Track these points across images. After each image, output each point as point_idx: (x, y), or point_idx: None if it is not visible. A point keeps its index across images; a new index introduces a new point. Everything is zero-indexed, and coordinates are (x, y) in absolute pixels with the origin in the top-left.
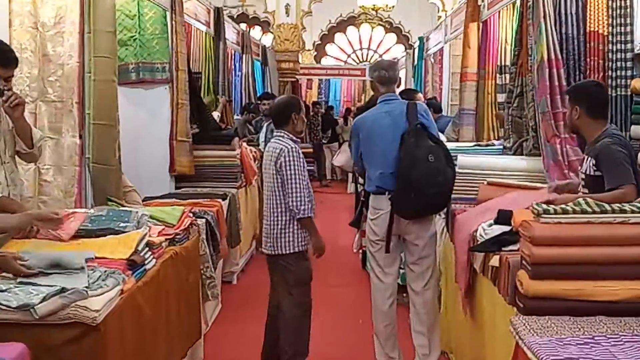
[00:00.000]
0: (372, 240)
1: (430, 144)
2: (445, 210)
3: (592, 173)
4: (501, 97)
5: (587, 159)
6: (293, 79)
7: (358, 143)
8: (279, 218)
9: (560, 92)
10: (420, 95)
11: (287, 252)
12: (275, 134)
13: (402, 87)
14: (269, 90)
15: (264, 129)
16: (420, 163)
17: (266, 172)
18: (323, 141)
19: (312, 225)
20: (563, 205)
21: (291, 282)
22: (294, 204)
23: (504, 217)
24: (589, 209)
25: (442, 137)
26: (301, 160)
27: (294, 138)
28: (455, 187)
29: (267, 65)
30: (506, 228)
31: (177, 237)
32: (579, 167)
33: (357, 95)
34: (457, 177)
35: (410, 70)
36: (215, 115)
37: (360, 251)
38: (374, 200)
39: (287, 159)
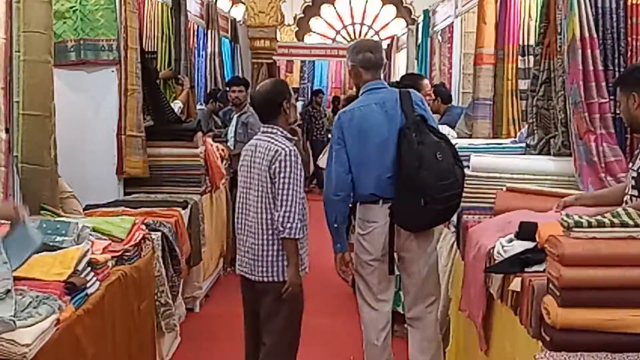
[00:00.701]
0: (363, 260)
1: (435, 140)
2: (454, 221)
3: None
4: (524, 84)
5: None
6: (269, 61)
7: (342, 142)
8: (272, 238)
9: (595, 78)
10: (426, 81)
11: (284, 279)
12: (263, 129)
13: (397, 73)
14: (240, 74)
15: (233, 122)
16: (428, 162)
17: (251, 177)
18: (313, 137)
19: (294, 252)
20: (599, 217)
21: (284, 314)
22: (280, 219)
23: (527, 230)
24: (631, 222)
25: (452, 133)
26: (299, 167)
27: (288, 135)
28: (467, 194)
29: (237, 44)
30: (530, 244)
31: (127, 254)
32: (620, 170)
33: (348, 82)
34: (470, 182)
35: (412, 51)
36: (176, 106)
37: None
38: (365, 210)
39: (283, 164)
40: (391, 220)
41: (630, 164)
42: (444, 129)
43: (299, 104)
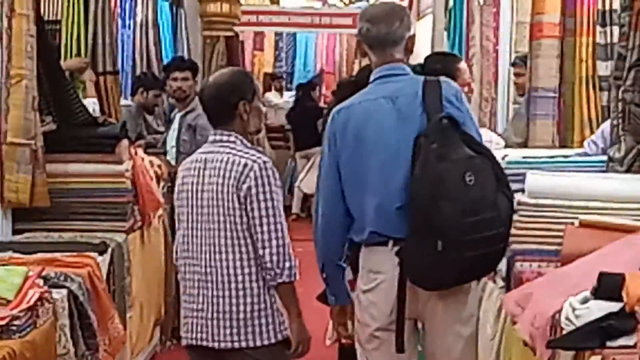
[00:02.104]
0: (367, 330)
1: (468, 153)
2: (498, 271)
3: None
4: (605, 68)
5: None
6: (229, 33)
7: (334, 155)
8: (247, 285)
9: None
10: (463, 65)
11: (263, 343)
12: (213, 137)
13: (417, 52)
14: (185, 54)
15: (175, 124)
16: (450, 188)
17: (204, 205)
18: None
19: (294, 299)
20: None
21: None
22: (274, 258)
23: (609, 285)
24: None
25: (496, 140)
26: (279, 185)
27: (250, 145)
28: (521, 231)
29: (181, 8)
30: (614, 306)
31: (15, 323)
32: None
33: (347, 64)
34: (526, 213)
35: (441, 19)
36: (90, 102)
37: (338, 345)
38: (368, 255)
39: (260, 181)
40: (401, 271)
41: None
42: (485, 134)
43: (287, 97)
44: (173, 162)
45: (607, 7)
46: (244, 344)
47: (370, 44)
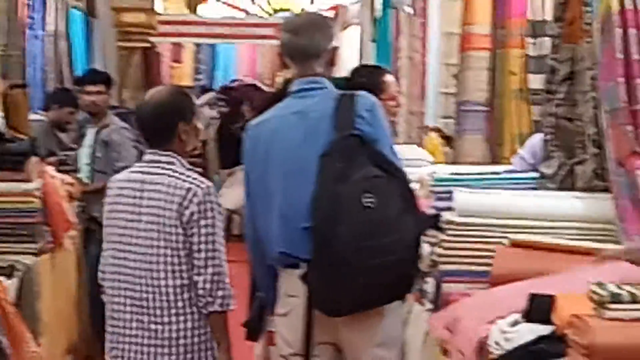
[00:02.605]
0: (283, 355)
1: (372, 173)
2: (426, 293)
3: None
4: (537, 81)
5: None
6: (145, 45)
7: (248, 172)
8: (188, 311)
9: None
10: (390, 77)
11: None
12: (150, 157)
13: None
14: (100, 67)
15: (89, 140)
16: (347, 211)
17: (141, 227)
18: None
19: (225, 329)
20: None
21: None
22: (208, 286)
23: (539, 307)
24: None
25: (424, 157)
26: (221, 212)
27: (194, 169)
28: (450, 252)
29: (95, 18)
30: (544, 329)
31: None
32: None
33: (271, 75)
34: (454, 233)
35: (368, 30)
36: None
37: None
38: (283, 279)
39: (203, 207)
40: (309, 295)
41: None
42: (413, 151)
43: (206, 112)
44: (86, 181)
45: (538, 18)
46: None
47: (291, 55)
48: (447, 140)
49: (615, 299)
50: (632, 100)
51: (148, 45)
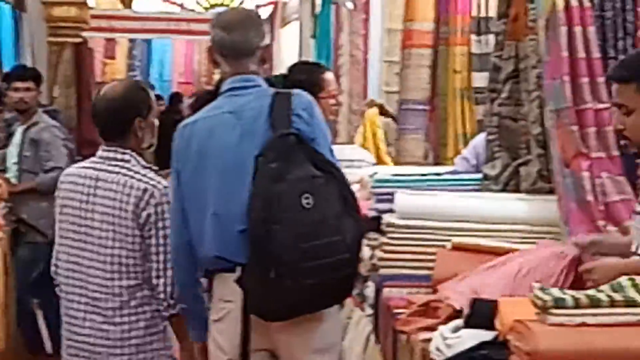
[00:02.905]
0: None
1: (311, 173)
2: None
3: None
4: (481, 79)
5: None
6: (77, 40)
7: (179, 173)
8: (140, 310)
9: (589, 71)
10: (329, 75)
11: None
12: (103, 153)
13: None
14: (29, 62)
15: (17, 138)
16: (284, 211)
17: (94, 227)
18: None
19: (186, 332)
20: (592, 292)
21: None
22: (167, 290)
23: (481, 312)
24: None
25: (366, 157)
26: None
27: (146, 164)
28: (390, 255)
29: (23, 12)
30: (487, 334)
31: None
32: (628, 215)
33: (208, 72)
34: (394, 236)
35: (308, 26)
36: None
37: None
38: (218, 284)
39: (160, 209)
40: (244, 300)
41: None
42: (355, 151)
43: None
44: (14, 181)
45: (483, 14)
46: None
47: (223, 52)
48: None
49: (559, 304)
50: (577, 99)
51: (80, 40)
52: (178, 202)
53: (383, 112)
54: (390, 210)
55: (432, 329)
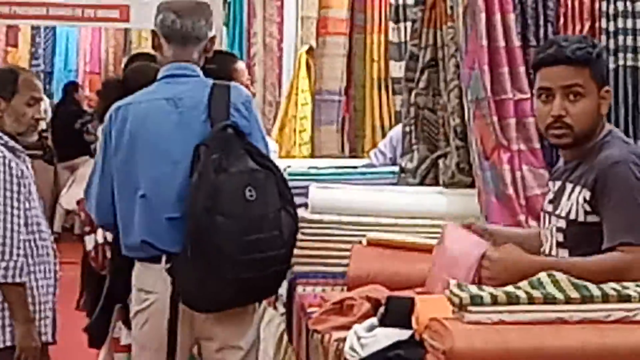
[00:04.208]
0: (141, 354)
1: (251, 167)
2: (279, 296)
3: (582, 217)
4: (398, 69)
5: (574, 190)
6: None
7: (110, 155)
8: None
9: (509, 60)
10: (241, 65)
11: (9, 343)
12: None
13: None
14: None
15: None
16: (228, 203)
17: None
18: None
19: (20, 301)
20: (509, 288)
21: None
22: None
23: (397, 310)
24: (560, 295)
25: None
26: (14, 181)
27: (8, 141)
28: (304, 251)
29: None
30: (402, 333)
31: None
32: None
33: (115, 63)
34: (309, 231)
35: (219, 13)
36: None
37: None
38: (140, 274)
39: None
40: (173, 291)
41: (551, 206)
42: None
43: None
44: None
45: (401, 2)
46: None
47: (171, 37)
48: None
49: (476, 301)
50: (495, 90)
51: None
52: (106, 183)
53: None
54: (304, 205)
55: (346, 327)
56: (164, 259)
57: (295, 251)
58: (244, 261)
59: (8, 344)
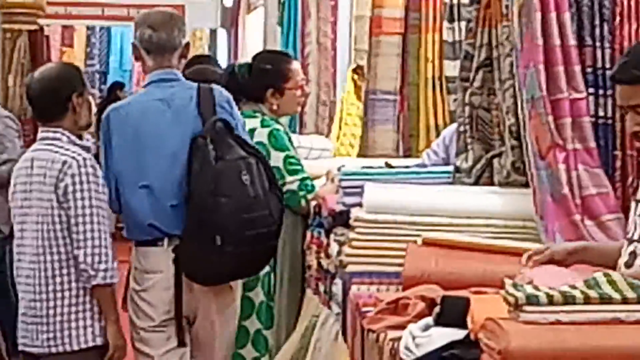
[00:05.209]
0: (139, 328)
1: (243, 154)
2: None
3: None
4: (453, 68)
5: None
6: (32, 27)
7: (108, 151)
8: (66, 287)
9: (564, 59)
10: (296, 65)
11: (80, 347)
12: (41, 134)
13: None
14: None
15: None
16: (228, 186)
17: (29, 205)
18: None
19: (112, 301)
20: (566, 288)
21: None
22: (89, 259)
23: (452, 310)
24: (617, 295)
25: (329, 147)
26: (101, 183)
27: (79, 141)
28: (355, 251)
29: None
30: (458, 333)
31: None
32: (605, 210)
33: None
34: (364, 231)
35: (274, 13)
36: None
37: None
38: (142, 256)
39: (78, 179)
40: (177, 268)
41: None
42: (320, 141)
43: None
44: None
45: (455, 1)
46: (60, 349)
47: (149, 49)
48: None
49: (531, 300)
50: (551, 89)
51: (35, 27)
52: (111, 176)
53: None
54: (359, 204)
55: (401, 327)
56: (166, 241)
57: (350, 251)
58: (242, 237)
59: (91, 344)
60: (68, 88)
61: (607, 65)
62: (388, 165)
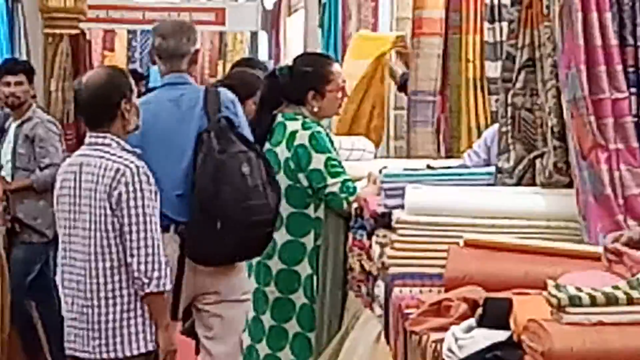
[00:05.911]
0: None
1: (243, 149)
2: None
3: None
4: (494, 69)
5: None
6: (74, 31)
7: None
8: (117, 294)
9: (606, 59)
10: (337, 67)
11: (132, 353)
12: (89, 139)
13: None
14: (23, 55)
15: (10, 135)
16: (229, 175)
17: (78, 211)
18: None
19: (164, 309)
20: (609, 289)
21: None
22: (142, 267)
23: (495, 312)
24: None
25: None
26: (153, 191)
27: (129, 147)
28: (397, 253)
29: (18, 3)
30: (501, 334)
31: None
32: None
33: (210, 64)
34: (405, 233)
35: (314, 14)
36: None
37: None
38: None
39: (132, 187)
40: (181, 252)
41: None
42: (360, 141)
43: None
44: (8, 179)
45: (496, 2)
46: (112, 355)
47: (160, 55)
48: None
49: (574, 302)
50: (593, 89)
51: (77, 32)
52: None
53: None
54: (401, 206)
55: (444, 329)
56: (172, 227)
57: (392, 252)
58: (241, 222)
59: (143, 350)
60: (117, 94)
61: None
62: (429, 167)
